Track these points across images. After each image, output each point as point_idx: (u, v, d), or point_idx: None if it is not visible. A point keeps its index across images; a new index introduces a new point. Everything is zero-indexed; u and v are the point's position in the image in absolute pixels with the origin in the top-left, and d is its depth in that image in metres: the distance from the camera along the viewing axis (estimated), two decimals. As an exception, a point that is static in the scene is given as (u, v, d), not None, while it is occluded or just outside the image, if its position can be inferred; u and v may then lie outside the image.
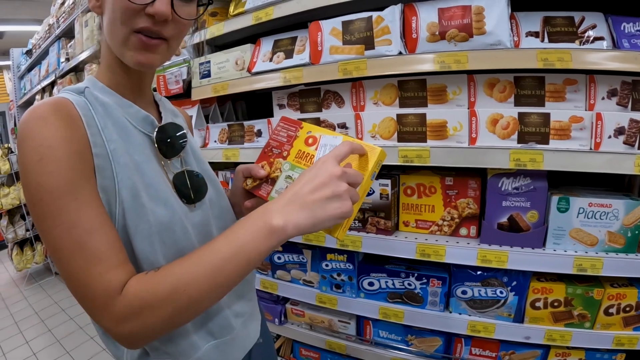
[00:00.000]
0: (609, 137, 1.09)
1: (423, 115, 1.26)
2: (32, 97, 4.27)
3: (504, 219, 1.25)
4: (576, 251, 1.19)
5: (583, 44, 1.12)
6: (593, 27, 1.13)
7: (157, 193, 0.68)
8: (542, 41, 1.15)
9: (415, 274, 1.41)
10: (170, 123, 0.78)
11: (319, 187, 0.59)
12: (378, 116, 1.34)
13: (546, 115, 1.14)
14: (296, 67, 1.44)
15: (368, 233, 1.43)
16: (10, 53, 4.86)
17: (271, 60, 1.53)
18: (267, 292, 1.76)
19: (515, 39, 1.16)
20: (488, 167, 1.25)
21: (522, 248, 1.22)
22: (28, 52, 4.40)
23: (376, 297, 1.49)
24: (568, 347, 1.30)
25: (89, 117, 0.63)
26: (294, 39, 1.50)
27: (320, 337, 1.66)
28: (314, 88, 1.49)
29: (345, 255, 1.51)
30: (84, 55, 2.70)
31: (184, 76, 1.84)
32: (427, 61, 1.21)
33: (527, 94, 1.20)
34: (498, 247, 1.24)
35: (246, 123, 1.69)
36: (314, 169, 0.62)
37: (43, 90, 3.86)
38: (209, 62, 1.73)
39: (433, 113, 1.25)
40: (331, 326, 1.65)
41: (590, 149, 1.12)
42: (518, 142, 1.17)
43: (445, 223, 1.37)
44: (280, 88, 1.55)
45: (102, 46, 0.73)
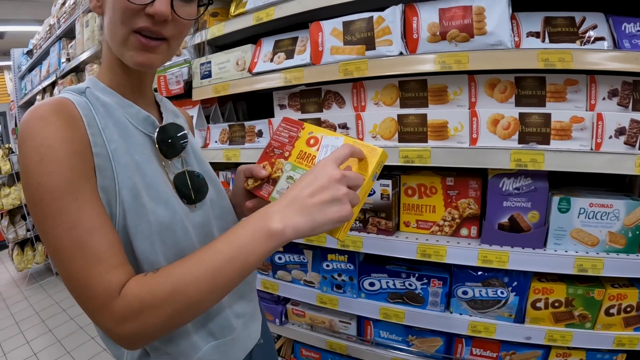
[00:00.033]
0: (610, 138, 1.09)
1: (424, 115, 1.26)
2: (33, 98, 4.27)
3: (505, 219, 1.25)
4: (577, 251, 1.19)
5: (584, 44, 1.12)
6: (594, 28, 1.13)
7: (158, 193, 0.68)
8: (543, 41, 1.15)
9: (416, 275, 1.41)
10: (171, 123, 0.78)
11: (318, 191, 0.59)
12: (379, 116, 1.34)
13: (547, 115, 1.14)
14: (297, 68, 1.44)
15: (369, 233, 1.43)
16: (11, 53, 4.87)
17: (272, 60, 1.53)
18: (268, 293, 1.75)
19: (516, 39, 1.16)
20: (489, 168, 1.25)
21: (523, 248, 1.22)
22: (29, 53, 4.40)
23: (377, 298, 1.49)
24: (569, 348, 1.30)
25: (90, 117, 0.63)
26: (295, 40, 1.50)
27: (321, 338, 1.66)
28: (315, 88, 1.49)
29: (346, 255, 1.51)
30: (85, 55, 2.71)
31: (185, 76, 1.84)
32: (428, 61, 1.21)
33: (528, 94, 1.20)
34: (499, 248, 1.24)
35: (247, 123, 1.69)
36: (314, 172, 0.61)
37: (44, 90, 3.86)
38: (210, 63, 1.73)
39: (434, 113, 1.25)
40: (332, 326, 1.65)
41: (591, 149, 1.12)
42: (519, 143, 1.17)
43: (446, 223, 1.37)
44: (281, 88, 1.55)
45: (103, 46, 0.73)
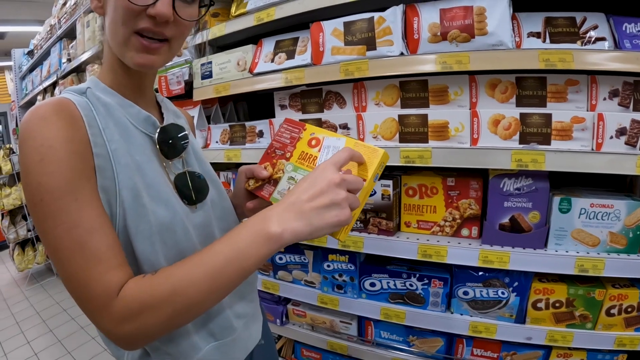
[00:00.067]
0: (611, 138, 1.09)
1: (425, 115, 1.26)
2: (34, 98, 4.27)
3: (506, 220, 1.25)
4: (578, 252, 1.19)
5: (585, 45, 1.12)
6: (595, 28, 1.13)
7: (158, 193, 0.68)
8: (544, 42, 1.15)
9: (416, 275, 1.41)
10: (171, 124, 0.78)
11: (317, 195, 0.59)
12: (380, 117, 1.34)
13: (548, 115, 1.14)
14: (298, 68, 1.45)
15: (370, 234, 1.43)
16: (12, 54, 4.87)
17: (273, 60, 1.53)
18: (269, 293, 1.76)
19: (516, 40, 1.16)
20: (490, 168, 1.25)
21: (524, 249, 1.22)
22: (30, 53, 4.41)
23: (378, 298, 1.49)
24: (570, 348, 1.30)
25: (90, 118, 0.63)
26: (296, 40, 1.51)
27: (321, 338, 1.66)
28: (316, 89, 1.49)
29: (346, 255, 1.51)
30: (86, 55, 2.71)
31: (186, 77, 1.84)
32: (429, 62, 1.21)
33: (529, 95, 1.20)
34: (500, 248, 1.24)
35: (248, 124, 1.69)
36: (313, 176, 0.61)
37: (45, 90, 3.86)
38: (211, 63, 1.73)
39: (435, 114, 1.25)
40: (333, 327, 1.65)
41: (591, 150, 1.11)
42: (520, 143, 1.17)
43: (446, 224, 1.37)
44: (281, 89, 1.55)
45: (104, 47, 0.73)
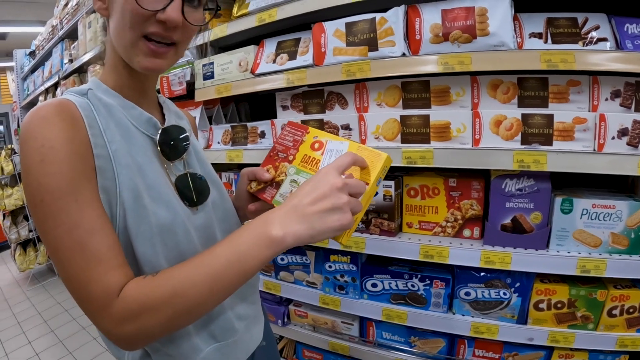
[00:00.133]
0: (613, 138, 1.09)
1: (426, 116, 1.26)
2: (36, 98, 4.28)
3: (508, 220, 1.25)
4: (579, 252, 1.19)
5: (586, 45, 1.12)
6: (596, 28, 1.13)
7: (159, 195, 0.68)
8: (546, 42, 1.15)
9: (418, 276, 1.41)
10: (173, 125, 0.78)
11: (319, 199, 0.59)
12: (381, 117, 1.34)
13: (549, 116, 1.14)
14: (300, 69, 1.45)
15: (371, 234, 1.43)
16: (13, 54, 4.87)
17: (274, 61, 1.53)
18: (270, 293, 1.76)
19: (518, 40, 1.16)
20: (491, 169, 1.25)
21: (526, 249, 1.22)
22: (31, 54, 4.42)
23: (379, 299, 1.49)
24: (571, 349, 1.30)
25: (91, 119, 0.63)
26: (298, 41, 1.51)
27: (323, 339, 1.66)
28: (318, 89, 1.49)
29: (348, 256, 1.51)
30: (88, 56, 2.71)
31: (188, 77, 1.85)
32: (431, 62, 1.21)
33: (531, 95, 1.20)
34: (501, 249, 1.24)
35: (249, 124, 1.69)
36: (315, 180, 0.61)
37: (46, 91, 3.87)
38: (213, 64, 1.73)
39: (436, 114, 1.25)
40: (334, 327, 1.65)
41: (593, 150, 1.12)
42: (521, 144, 1.17)
43: (448, 224, 1.37)
44: (283, 89, 1.55)
45: (107, 47, 0.73)
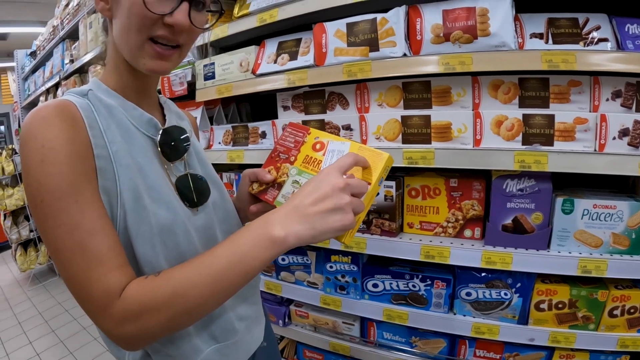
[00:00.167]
0: (614, 139, 1.09)
1: (427, 117, 1.26)
2: (36, 99, 4.28)
3: (509, 221, 1.25)
4: (580, 253, 1.19)
5: (587, 46, 1.12)
6: (597, 29, 1.13)
7: (159, 195, 0.68)
8: (547, 42, 1.15)
9: (419, 276, 1.41)
10: (173, 126, 0.78)
11: (321, 199, 0.59)
12: (382, 118, 1.34)
13: (550, 116, 1.14)
14: (301, 69, 1.45)
15: (372, 235, 1.43)
16: (14, 54, 4.89)
17: (275, 62, 1.53)
18: (271, 294, 1.76)
19: (519, 41, 1.16)
20: (492, 169, 1.25)
21: (527, 250, 1.22)
22: (32, 54, 4.42)
23: (380, 299, 1.49)
24: (572, 349, 1.30)
25: (92, 119, 0.63)
26: (299, 41, 1.51)
27: (324, 339, 1.66)
28: (319, 90, 1.49)
29: (349, 256, 1.51)
30: (89, 56, 2.71)
31: (188, 78, 1.85)
32: (432, 63, 1.21)
33: (532, 96, 1.20)
34: (502, 249, 1.24)
35: (250, 125, 1.69)
36: (317, 180, 0.61)
37: (47, 91, 3.87)
38: (213, 64, 1.73)
39: (437, 115, 1.25)
40: (335, 328, 1.65)
41: (594, 151, 1.12)
42: (522, 144, 1.17)
43: (449, 225, 1.37)
44: (284, 90, 1.55)
45: (109, 48, 0.73)
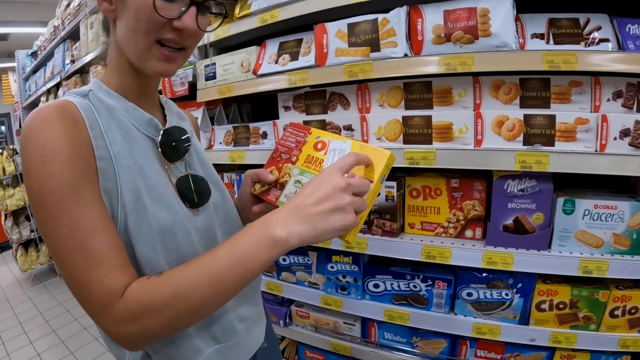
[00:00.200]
0: (615, 139, 1.09)
1: (429, 117, 1.26)
2: (37, 99, 4.28)
3: (510, 221, 1.25)
4: (582, 253, 1.19)
5: (588, 46, 1.12)
6: (598, 29, 1.13)
7: (160, 196, 0.68)
8: (548, 43, 1.15)
9: (420, 276, 1.41)
10: (174, 127, 0.78)
11: (323, 200, 0.59)
12: (384, 118, 1.34)
13: (552, 117, 1.14)
14: (302, 69, 1.45)
15: (373, 235, 1.43)
16: (15, 55, 4.89)
17: (277, 62, 1.53)
18: (272, 294, 1.76)
19: (520, 41, 1.16)
20: (494, 169, 1.25)
21: (528, 250, 1.22)
22: (33, 54, 4.42)
23: (381, 299, 1.49)
24: (573, 350, 1.30)
25: (92, 120, 0.63)
26: (300, 41, 1.51)
27: (325, 339, 1.66)
28: (320, 90, 1.49)
29: (350, 257, 1.51)
30: (90, 57, 2.72)
31: (189, 78, 1.85)
32: (433, 63, 1.21)
33: (533, 96, 1.20)
34: (503, 249, 1.24)
35: (251, 125, 1.69)
36: (318, 180, 0.61)
37: (48, 91, 3.87)
38: (215, 64, 1.74)
39: (439, 115, 1.25)
40: (336, 328, 1.66)
41: (595, 151, 1.12)
42: (524, 144, 1.17)
43: (450, 225, 1.37)
44: (285, 90, 1.55)
45: (111, 48, 0.73)
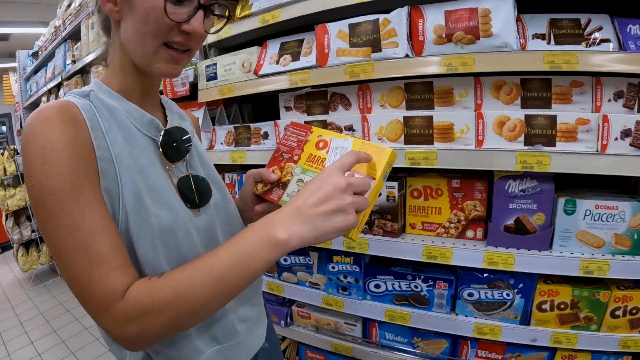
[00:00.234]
0: (616, 139, 1.09)
1: (430, 117, 1.26)
2: (38, 99, 4.29)
3: (511, 221, 1.25)
4: (583, 253, 1.19)
5: (589, 46, 1.12)
6: (599, 29, 1.13)
7: (161, 196, 0.68)
8: (549, 43, 1.15)
9: (421, 276, 1.41)
10: (175, 127, 0.78)
11: (323, 201, 0.59)
12: (385, 118, 1.34)
13: (553, 117, 1.14)
14: (303, 70, 1.45)
15: (375, 235, 1.43)
16: (16, 55, 4.89)
17: (278, 62, 1.53)
18: (273, 294, 1.76)
19: (521, 41, 1.16)
20: (495, 170, 1.25)
21: (529, 250, 1.22)
22: (34, 54, 4.43)
23: (382, 300, 1.49)
24: (574, 350, 1.30)
25: (93, 121, 0.64)
26: (301, 42, 1.51)
27: (326, 339, 1.66)
28: (321, 90, 1.49)
29: (351, 257, 1.51)
30: (90, 57, 2.72)
31: (191, 78, 1.85)
32: (434, 64, 1.21)
33: (534, 96, 1.20)
34: (505, 250, 1.24)
35: (253, 125, 1.69)
36: (319, 180, 0.61)
37: (49, 92, 3.88)
38: (216, 65, 1.74)
39: (440, 115, 1.25)
40: (337, 328, 1.66)
41: (596, 151, 1.12)
42: (525, 145, 1.17)
43: (451, 225, 1.37)
44: (286, 90, 1.56)
45: (113, 49, 0.72)
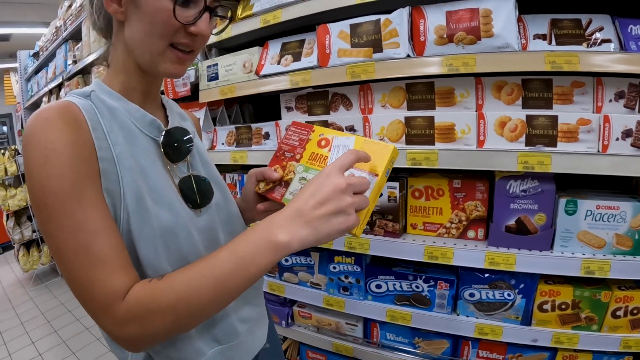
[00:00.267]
0: (617, 140, 1.09)
1: (431, 118, 1.26)
2: (39, 99, 4.29)
3: (512, 222, 1.26)
4: (584, 254, 1.19)
5: (590, 47, 1.13)
6: (600, 30, 1.13)
7: (162, 197, 0.68)
8: (550, 44, 1.15)
9: (422, 277, 1.41)
10: (176, 127, 0.78)
11: (323, 202, 0.58)
12: (386, 119, 1.34)
13: (554, 117, 1.14)
14: (304, 70, 1.45)
15: (376, 235, 1.43)
16: (17, 55, 4.91)
17: (279, 63, 1.54)
18: (274, 295, 1.76)
19: (522, 42, 1.17)
20: (496, 170, 1.25)
21: (530, 250, 1.22)
22: (35, 55, 4.43)
23: (383, 300, 1.49)
24: (575, 350, 1.29)
25: (95, 121, 0.64)
26: (302, 42, 1.51)
27: (327, 340, 1.66)
28: (322, 91, 1.49)
29: (352, 257, 1.52)
30: (92, 57, 2.72)
31: (192, 79, 1.85)
32: (435, 64, 1.22)
33: (535, 97, 1.20)
34: (506, 250, 1.24)
35: (254, 125, 1.69)
36: (319, 181, 0.61)
37: (50, 92, 3.88)
38: (217, 65, 1.74)
39: (441, 116, 1.26)
40: (338, 328, 1.66)
41: (597, 152, 1.12)
42: (526, 145, 1.18)
43: (453, 225, 1.37)
44: (288, 91, 1.56)
45: (116, 49, 0.72)
